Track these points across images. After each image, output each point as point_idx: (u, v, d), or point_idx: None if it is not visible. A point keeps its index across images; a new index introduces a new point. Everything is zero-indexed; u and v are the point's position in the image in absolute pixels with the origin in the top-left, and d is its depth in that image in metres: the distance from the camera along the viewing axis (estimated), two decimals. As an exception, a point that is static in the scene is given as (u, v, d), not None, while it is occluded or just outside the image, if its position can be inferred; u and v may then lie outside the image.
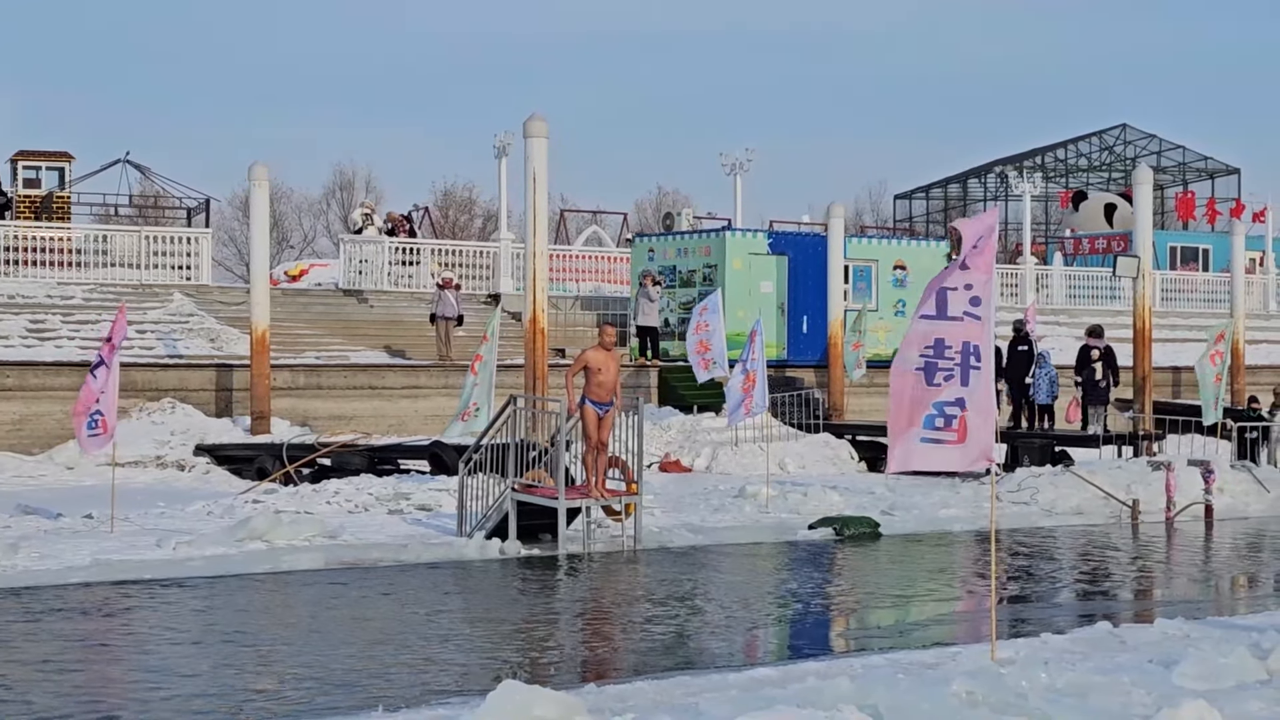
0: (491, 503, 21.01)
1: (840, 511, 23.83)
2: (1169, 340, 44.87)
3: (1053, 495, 26.01)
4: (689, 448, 32.07)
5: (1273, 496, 26.95)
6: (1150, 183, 36.18)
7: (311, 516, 21.72)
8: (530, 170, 28.92)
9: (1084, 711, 9.61)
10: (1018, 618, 15.85)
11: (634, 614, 16.00)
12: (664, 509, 23.74)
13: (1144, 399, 33.96)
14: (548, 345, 30.40)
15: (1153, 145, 73.90)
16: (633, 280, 39.63)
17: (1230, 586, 19.28)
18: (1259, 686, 10.85)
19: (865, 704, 9.08)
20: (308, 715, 10.88)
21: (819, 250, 38.29)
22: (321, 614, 15.77)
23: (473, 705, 9.82)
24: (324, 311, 39.04)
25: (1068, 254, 56.55)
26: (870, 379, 37.99)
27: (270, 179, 34.28)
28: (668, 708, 10.09)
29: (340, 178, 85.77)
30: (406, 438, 30.47)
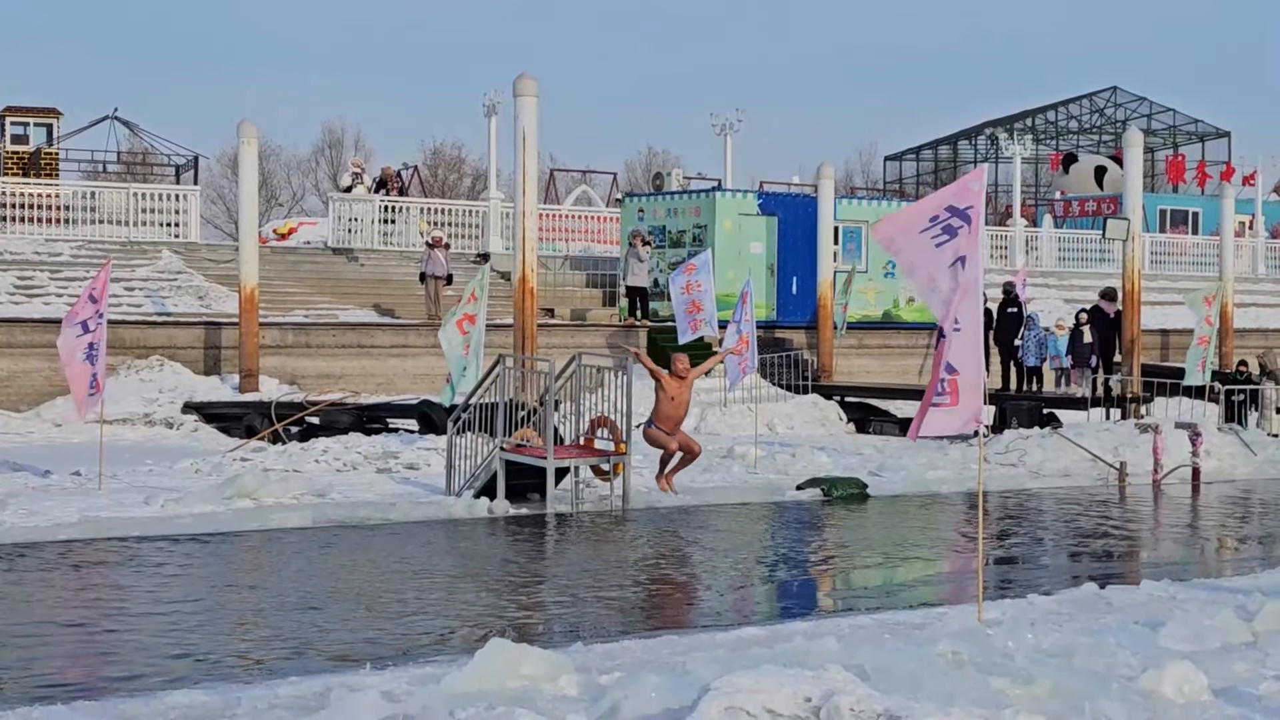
0: (480, 462, 21.03)
1: (828, 472, 23.90)
2: (1158, 303, 44.93)
3: (1040, 457, 26.07)
4: (678, 408, 32.06)
5: (1260, 460, 27.02)
6: (1140, 145, 36.09)
7: (300, 475, 21.73)
8: (520, 129, 28.84)
9: (1069, 672, 9.63)
10: (1004, 579, 15.90)
11: (622, 573, 16.03)
12: (652, 469, 23.74)
13: (1132, 362, 33.96)
14: (537, 305, 30.36)
15: (1143, 108, 73.84)
16: (622, 240, 39.57)
17: (1216, 549, 19.34)
18: (1244, 648, 10.89)
19: (851, 664, 9.08)
20: (295, 673, 10.89)
21: (809, 211, 38.27)
22: (309, 572, 15.78)
23: (460, 663, 9.84)
24: (313, 270, 38.98)
25: (1057, 216, 56.57)
26: (859, 340, 38.07)
27: (259, 137, 34.20)
28: (655, 666, 10.11)
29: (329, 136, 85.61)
30: (395, 396, 30.49)
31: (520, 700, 8.75)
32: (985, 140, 75.52)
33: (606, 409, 21.67)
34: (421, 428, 27.27)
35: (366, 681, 10.17)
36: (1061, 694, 9.25)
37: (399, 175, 45.69)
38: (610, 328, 37.39)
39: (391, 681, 10.23)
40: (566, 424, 22.09)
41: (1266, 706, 9.26)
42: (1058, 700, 9.14)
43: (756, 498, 22.14)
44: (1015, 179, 51.88)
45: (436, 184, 76.74)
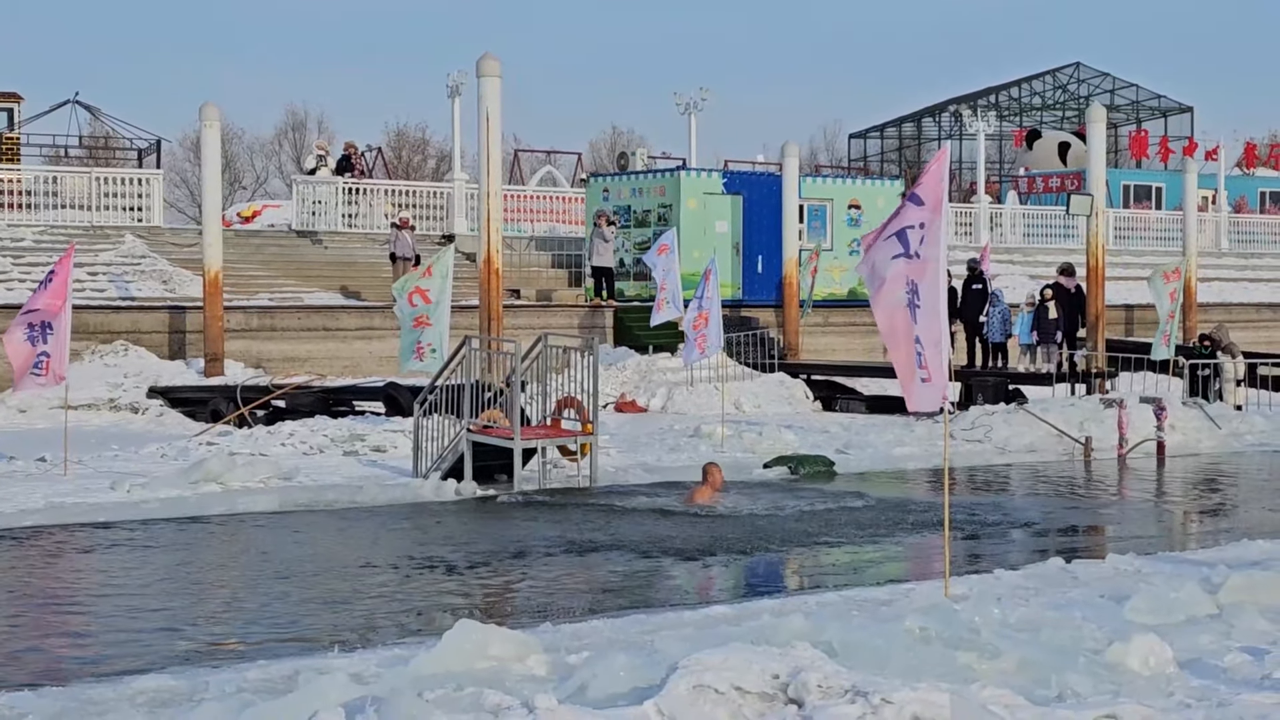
0: (447, 444, 21.00)
1: (795, 450, 23.92)
2: (1122, 278, 45.06)
3: (1006, 433, 26.14)
4: (644, 388, 32.11)
5: (1224, 433, 27.14)
6: (1104, 121, 36.24)
7: (266, 458, 21.66)
8: (483, 110, 28.80)
9: (1036, 646, 9.67)
10: (971, 554, 15.95)
11: (588, 553, 16.03)
12: (619, 449, 23.78)
13: (1097, 337, 34.10)
14: (502, 286, 30.34)
15: (1106, 84, 73.97)
16: (587, 220, 39.55)
17: (1181, 522, 19.43)
18: (1209, 620, 10.95)
19: (819, 640, 9.11)
20: (262, 656, 10.88)
21: (774, 190, 38.30)
22: (276, 556, 15.76)
23: (428, 645, 9.83)
24: (277, 253, 38.88)
25: (1022, 193, 56.67)
26: (825, 318, 38.13)
27: (221, 119, 34.03)
28: (623, 645, 10.12)
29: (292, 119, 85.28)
30: (361, 379, 30.43)
31: (489, 681, 8.76)
32: (949, 117, 75.61)
33: (573, 389, 21.67)
34: (388, 410, 27.23)
35: (334, 664, 10.16)
36: (1028, 667, 9.29)
37: (363, 155, 45.55)
38: (576, 308, 37.37)
39: (360, 664, 10.22)
40: (533, 405, 22.08)
41: (1231, 678, 9.31)
42: (1024, 674, 9.19)
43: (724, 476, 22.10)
44: (979, 155, 51.95)
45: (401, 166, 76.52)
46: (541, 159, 56.31)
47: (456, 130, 42.87)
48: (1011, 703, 8.30)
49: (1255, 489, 22.49)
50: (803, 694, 7.97)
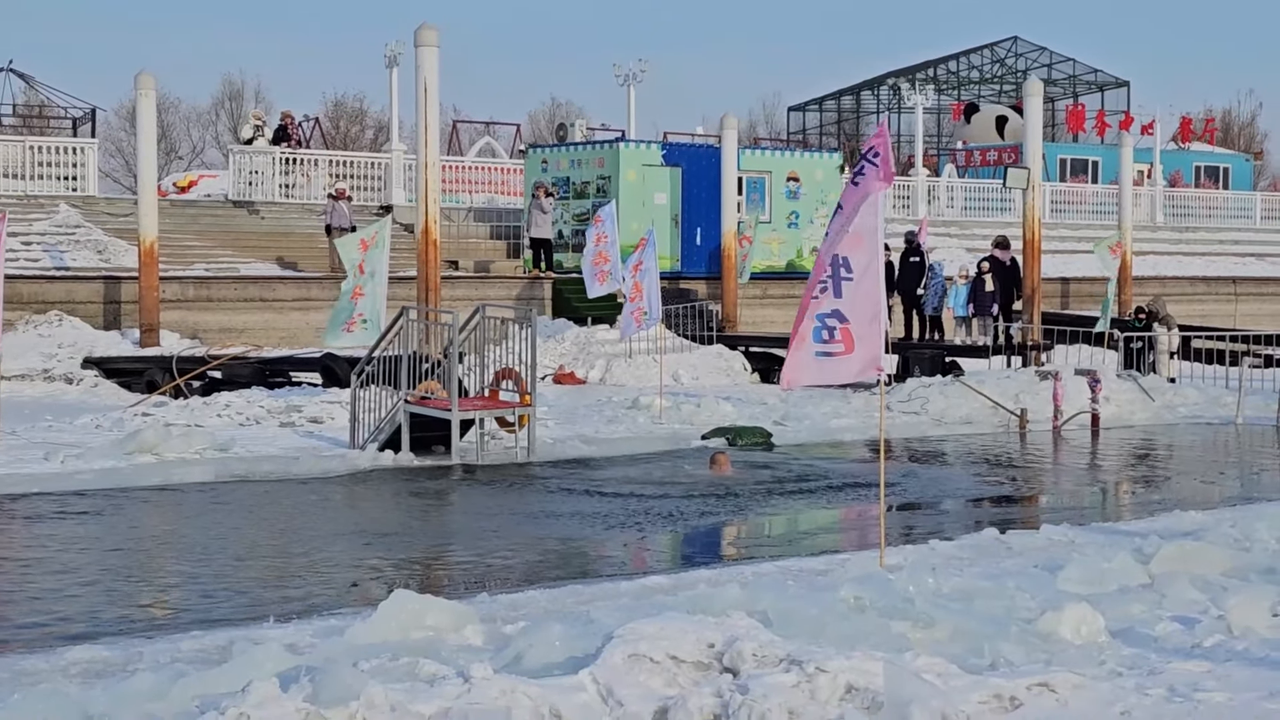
0: (384, 415, 20.95)
1: (733, 422, 23.97)
2: (1058, 252, 45.32)
3: (942, 405, 26.27)
4: (583, 360, 32.10)
5: (1158, 405, 27.35)
6: (1040, 95, 36.38)
7: (202, 429, 21.54)
8: (421, 80, 28.66)
9: (970, 615, 9.74)
10: (907, 525, 16.04)
11: (527, 524, 16.03)
12: (557, 420, 23.77)
13: (1033, 310, 34.30)
14: (440, 257, 30.25)
15: (1043, 58, 74.24)
16: (526, 192, 39.47)
17: (1115, 493, 19.59)
18: (1141, 590, 11.05)
19: (755, 610, 9.15)
20: (197, 627, 10.84)
21: (713, 162, 38.29)
22: (212, 526, 15.68)
23: (364, 615, 9.83)
24: (213, 223, 38.64)
25: (959, 166, 56.87)
26: (763, 290, 38.19)
27: (157, 89, 33.75)
28: (560, 615, 10.14)
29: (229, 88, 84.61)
30: (298, 350, 30.30)
31: (425, 651, 8.75)
32: (888, 90, 75.73)
33: (511, 361, 21.64)
34: (325, 381, 27.13)
35: (270, 634, 10.14)
36: (962, 636, 9.36)
37: (300, 125, 45.28)
38: (515, 279, 37.31)
39: (295, 634, 10.21)
40: (471, 376, 22.05)
41: (1162, 646, 9.40)
42: (958, 642, 9.25)
43: (662, 448, 22.18)
44: (917, 129, 52.08)
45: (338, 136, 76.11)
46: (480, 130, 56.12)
47: (394, 101, 42.66)
48: (945, 671, 8.35)
49: (1187, 461, 22.70)
50: (738, 663, 8.00)
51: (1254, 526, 13.40)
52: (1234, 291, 48.24)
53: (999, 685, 8.16)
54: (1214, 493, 18.71)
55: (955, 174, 53.58)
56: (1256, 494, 18.20)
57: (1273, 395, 26.91)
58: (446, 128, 49.65)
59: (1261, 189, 67.87)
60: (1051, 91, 68.59)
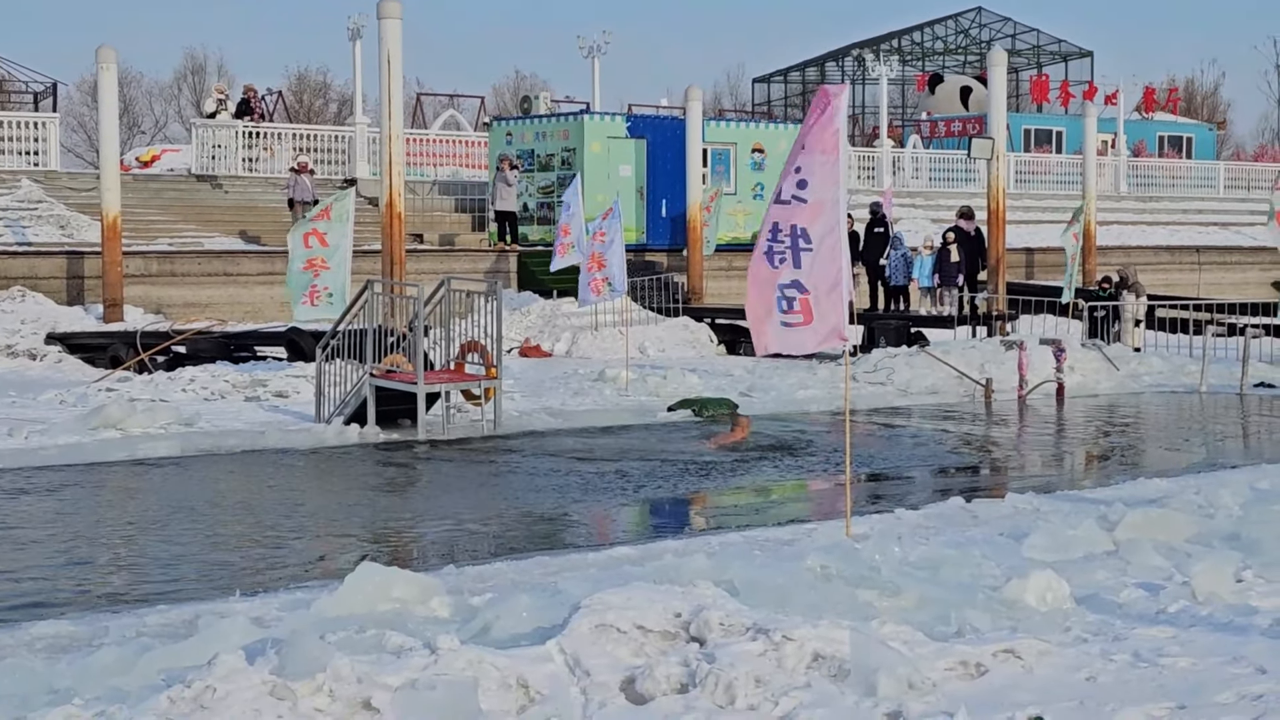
0: (350, 389, 20.91)
1: (699, 394, 23.99)
2: (1023, 222, 45.40)
3: (908, 375, 26.33)
4: (548, 333, 32.06)
5: (1122, 374, 27.45)
6: (1005, 65, 36.39)
7: (166, 404, 21.49)
8: (384, 53, 28.50)
9: (935, 583, 9.78)
10: (873, 495, 16.08)
11: (494, 497, 16.04)
12: (524, 393, 23.76)
13: (998, 280, 34.35)
14: (405, 230, 30.14)
15: (1007, 28, 74.31)
16: (491, 165, 39.37)
17: (1080, 462, 19.66)
18: (1105, 557, 11.10)
19: (721, 579, 9.17)
20: (163, 601, 10.82)
21: (677, 134, 38.21)
22: (177, 501, 15.64)
23: (331, 588, 9.81)
24: (177, 197, 38.45)
25: (924, 137, 56.90)
26: (729, 262, 38.13)
27: (119, 63, 33.54)
28: (527, 587, 10.15)
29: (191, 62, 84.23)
30: (263, 324, 30.20)
31: (391, 623, 8.75)
32: (852, 62, 75.70)
33: (477, 334, 21.61)
34: (290, 355, 27.05)
35: (236, 608, 10.13)
36: (928, 604, 9.39)
37: (263, 99, 45.08)
38: (480, 252, 37.22)
39: (261, 607, 10.20)
40: (436, 349, 22.01)
41: (1127, 613, 9.45)
42: (924, 610, 9.28)
43: (628, 420, 22.19)
44: (882, 100, 52.07)
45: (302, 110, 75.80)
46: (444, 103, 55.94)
47: (358, 74, 42.50)
48: (911, 639, 8.38)
49: (1152, 429, 22.80)
50: (705, 632, 8.01)
51: (1218, 493, 13.47)
52: (1197, 260, 48.40)
53: (965, 652, 8.20)
54: (1178, 460, 18.79)
55: (920, 145, 53.60)
56: (1220, 461, 18.30)
57: (1236, 364, 27.03)
58: (410, 101, 49.50)
59: (1225, 158, 68.12)
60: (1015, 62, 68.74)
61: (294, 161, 37.21)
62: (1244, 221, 52.95)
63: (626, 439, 20.46)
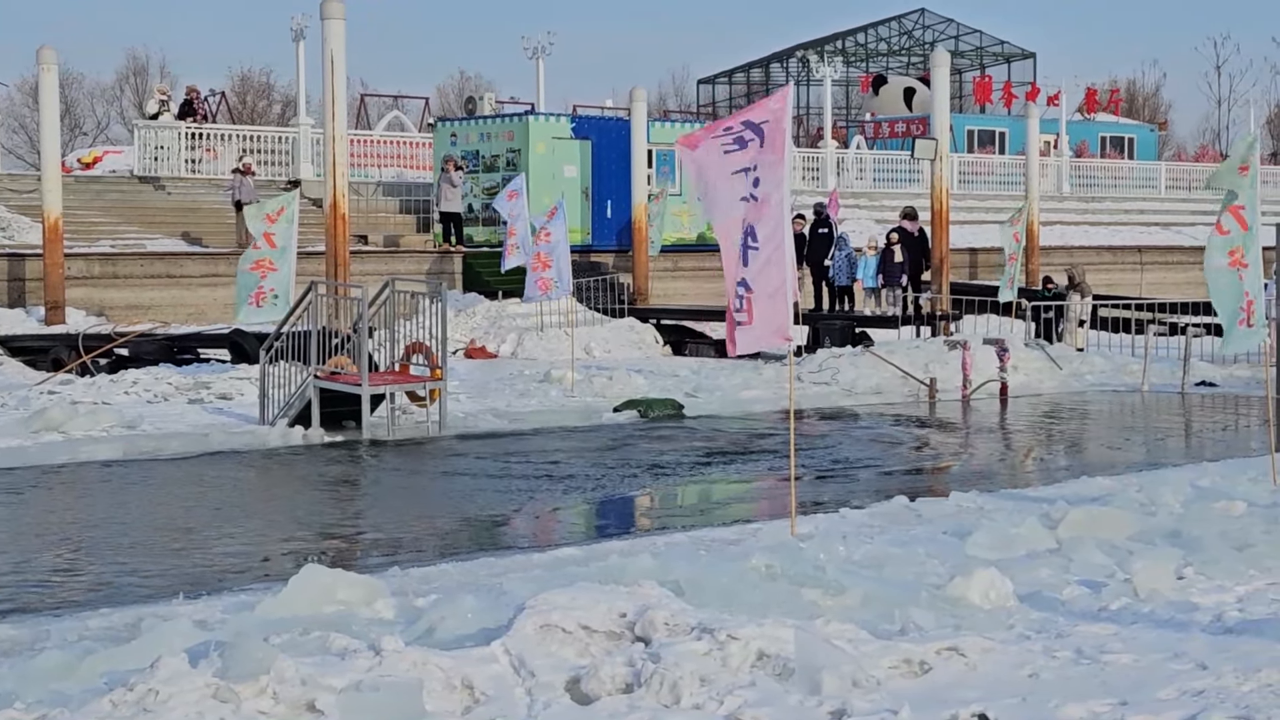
0: (294, 390, 20.83)
1: (645, 394, 24.01)
2: (966, 222, 45.56)
3: (853, 375, 26.40)
4: (494, 334, 32.02)
5: (1065, 374, 27.61)
6: (947, 66, 36.55)
7: (109, 407, 21.37)
8: (328, 54, 28.44)
9: (880, 582, 9.82)
10: (818, 494, 16.11)
11: (439, 498, 16.01)
12: (469, 394, 23.73)
13: (942, 280, 34.49)
14: (349, 231, 30.07)
15: (951, 30, 74.64)
16: (435, 166, 39.30)
17: (1022, 460, 19.76)
18: (1048, 554, 11.16)
19: (666, 579, 9.18)
20: (106, 604, 10.76)
21: (623, 135, 38.23)
22: (120, 504, 15.56)
23: (275, 590, 9.78)
24: (119, 199, 38.23)
25: (868, 138, 57.07)
26: (674, 263, 38.21)
27: (60, 64, 33.34)
28: (472, 588, 10.13)
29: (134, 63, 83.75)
30: (206, 326, 30.06)
31: (336, 624, 8.73)
32: (796, 63, 75.88)
33: (421, 335, 21.57)
34: (234, 357, 26.93)
35: (179, 610, 10.09)
36: (872, 603, 9.43)
37: (206, 100, 44.86)
38: (425, 253, 37.14)
39: (205, 610, 10.15)
40: (381, 351, 21.95)
41: (1069, 610, 9.51)
42: (869, 609, 9.32)
43: (574, 420, 22.19)
44: (826, 101, 52.21)
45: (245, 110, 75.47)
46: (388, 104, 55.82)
47: (301, 74, 42.32)
48: (856, 637, 8.41)
49: (1094, 428, 22.93)
50: (649, 632, 8.02)
51: (1159, 491, 13.58)
52: (1139, 260, 48.72)
53: (909, 650, 8.23)
54: (1120, 458, 18.90)
55: (864, 145, 53.76)
56: (1161, 459, 18.42)
57: (1177, 363, 27.23)
58: (354, 101, 49.38)
59: (1166, 159, 68.55)
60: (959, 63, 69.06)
61: (238, 163, 37.05)
62: (1185, 222, 53.30)
63: (572, 440, 20.46)
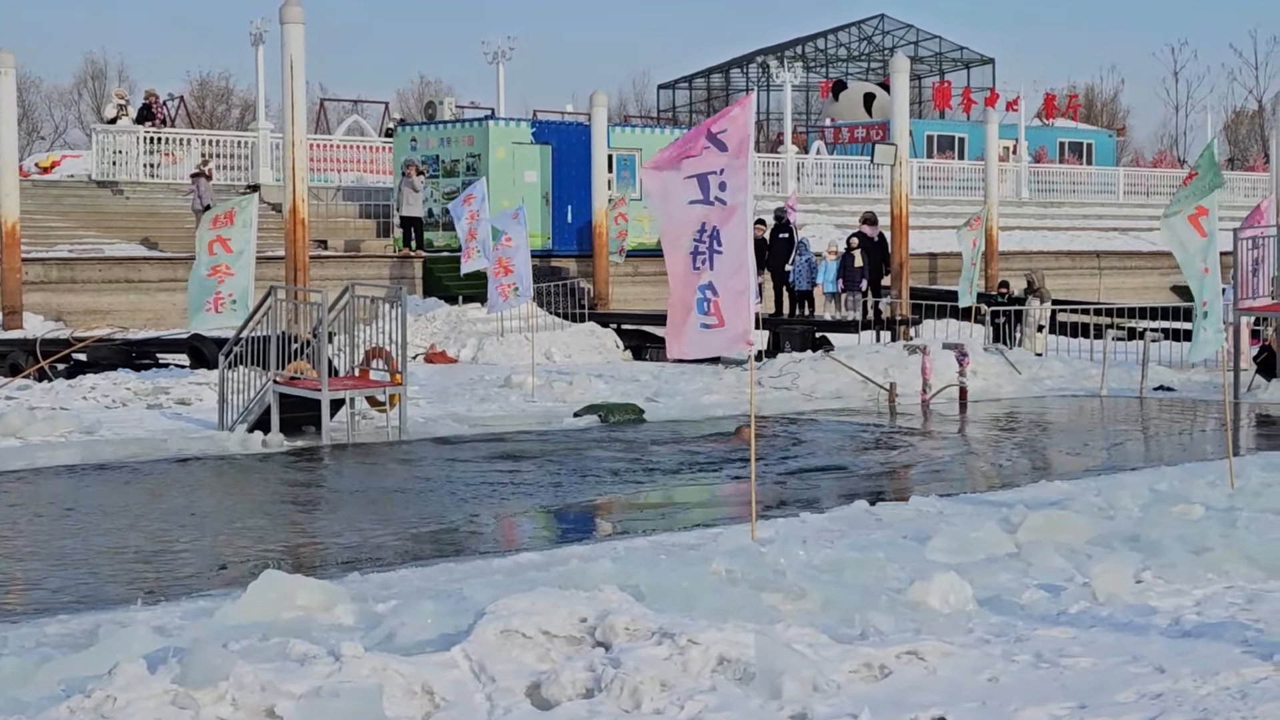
0: (253, 396, 20.75)
1: (605, 399, 24.01)
2: (926, 227, 45.72)
3: (813, 380, 26.44)
4: (454, 339, 31.98)
5: (1024, 378, 27.69)
6: (907, 72, 36.64)
7: (67, 412, 21.26)
8: (287, 58, 28.37)
9: (840, 586, 9.83)
10: (778, 498, 16.12)
11: (399, 504, 15.97)
12: (429, 400, 23.68)
13: (901, 285, 34.58)
14: (308, 236, 30.00)
15: (910, 35, 74.87)
16: (395, 170, 39.25)
17: (982, 464, 19.80)
18: (1007, 559, 11.19)
19: (627, 584, 9.17)
20: (64, 611, 10.70)
21: (583, 140, 38.27)
22: (79, 509, 15.47)
23: (234, 596, 9.74)
24: (77, 203, 38.09)
25: (828, 143, 57.21)
26: (635, 268, 38.23)
27: (17, 67, 33.19)
28: (432, 594, 10.11)
29: (92, 67, 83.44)
30: (165, 331, 29.96)
31: (295, 630, 8.69)
32: (757, 68, 76.02)
33: (381, 340, 21.52)
34: (192, 362, 26.85)
35: (138, 617, 10.03)
36: (832, 607, 9.44)
37: (165, 104, 44.71)
38: (385, 258, 37.11)
39: (163, 616, 10.10)
40: (341, 356, 21.89)
41: (1029, 614, 9.53)
42: (829, 613, 9.33)
43: (534, 425, 22.17)
44: (786, 106, 52.32)
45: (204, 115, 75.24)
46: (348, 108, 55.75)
47: (260, 79, 42.25)
48: (816, 641, 8.42)
49: (1053, 432, 23.00)
50: (610, 636, 8.02)
51: (1117, 495, 13.63)
52: (1098, 265, 48.96)
53: (869, 654, 8.24)
54: (1079, 463, 18.97)
55: (824, 151, 53.90)
56: (1120, 463, 18.49)
57: (1136, 367, 27.34)
58: (314, 106, 49.25)
59: (1124, 164, 68.89)
60: (918, 69, 69.26)
61: (197, 167, 36.95)
62: (1143, 227, 53.57)
63: (532, 445, 20.43)
